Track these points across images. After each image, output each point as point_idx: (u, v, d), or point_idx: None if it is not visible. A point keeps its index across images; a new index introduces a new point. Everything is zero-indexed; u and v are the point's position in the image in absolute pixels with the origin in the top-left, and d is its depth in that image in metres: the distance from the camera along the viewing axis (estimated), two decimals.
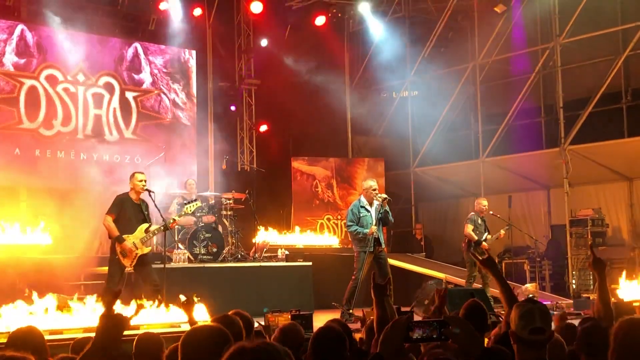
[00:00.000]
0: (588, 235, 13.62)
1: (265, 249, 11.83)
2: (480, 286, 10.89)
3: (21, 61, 12.42)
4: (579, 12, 13.44)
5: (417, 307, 9.42)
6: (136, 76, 13.76)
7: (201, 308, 7.09)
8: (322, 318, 5.53)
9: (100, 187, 11.91)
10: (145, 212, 8.75)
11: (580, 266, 13.57)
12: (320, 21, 15.79)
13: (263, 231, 12.28)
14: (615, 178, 14.69)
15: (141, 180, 8.67)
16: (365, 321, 4.99)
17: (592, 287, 12.76)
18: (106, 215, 8.57)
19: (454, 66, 16.27)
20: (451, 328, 2.49)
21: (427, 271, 13.37)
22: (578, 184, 14.25)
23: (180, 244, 10.96)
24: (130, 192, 8.68)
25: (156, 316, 7.39)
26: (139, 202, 8.72)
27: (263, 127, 15.85)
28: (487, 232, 11.41)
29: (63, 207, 11.14)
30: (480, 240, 11.19)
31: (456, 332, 2.50)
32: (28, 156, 12.28)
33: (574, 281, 13.54)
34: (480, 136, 15.28)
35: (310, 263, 11.54)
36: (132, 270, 8.59)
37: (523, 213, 15.61)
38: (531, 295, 10.69)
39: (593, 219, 13.80)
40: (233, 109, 15.59)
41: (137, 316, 3.23)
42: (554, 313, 5.94)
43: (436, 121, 15.90)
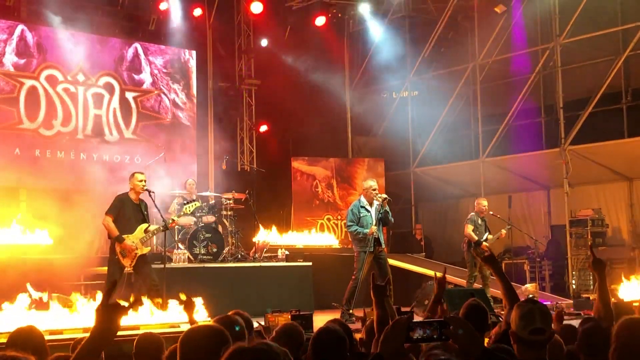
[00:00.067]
0: (588, 235, 13.62)
1: (265, 249, 11.83)
2: (480, 286, 10.88)
3: (21, 61, 12.41)
4: (579, 12, 13.43)
5: (417, 307, 9.42)
6: (136, 76, 13.75)
7: (201, 308, 7.09)
8: (322, 318, 5.53)
9: (100, 187, 11.91)
10: (144, 212, 8.76)
11: (580, 266, 13.57)
12: (320, 21, 15.78)
13: (263, 231, 12.28)
14: (615, 178, 14.68)
15: (141, 180, 8.67)
16: (366, 321, 4.98)
17: (592, 287, 12.76)
18: (106, 215, 8.57)
19: (454, 66, 16.26)
20: (452, 328, 2.49)
21: (427, 271, 13.34)
22: (578, 184, 14.24)
23: (180, 244, 10.96)
24: (130, 192, 8.68)
25: (156, 316, 7.38)
26: (139, 203, 8.73)
27: (263, 127, 15.85)
28: (488, 232, 11.40)
29: (63, 207, 11.11)
30: (480, 240, 11.18)
31: (460, 333, 2.50)
32: (28, 156, 12.28)
33: (574, 281, 13.54)
34: (480, 136, 15.27)
35: (310, 263, 11.54)
36: (132, 270, 8.59)
37: (523, 213, 15.60)
38: (531, 295, 10.67)
39: (593, 219, 13.79)
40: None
41: (134, 308, 3.21)
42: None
43: (436, 121, 15.90)
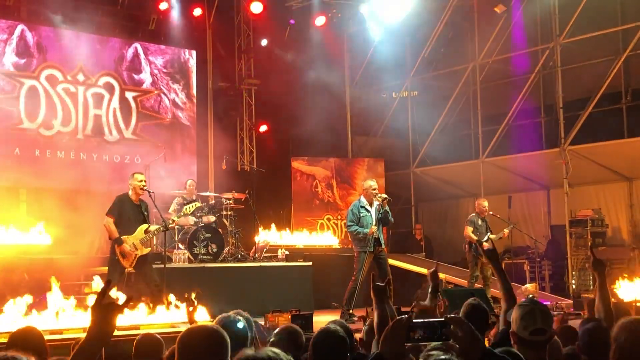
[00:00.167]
0: (588, 235, 13.61)
1: (265, 249, 11.82)
2: (480, 287, 10.88)
3: (21, 61, 12.41)
4: (579, 12, 13.43)
5: (418, 307, 9.39)
6: (136, 76, 13.75)
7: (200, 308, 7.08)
8: (322, 318, 5.53)
9: (100, 187, 11.91)
10: (145, 213, 8.74)
11: (580, 266, 13.57)
12: (320, 21, 15.78)
13: (263, 231, 12.27)
14: (615, 178, 14.68)
15: (141, 180, 8.66)
16: (368, 320, 4.98)
17: (592, 288, 12.76)
18: (106, 216, 8.56)
19: (454, 66, 16.26)
20: (452, 328, 2.48)
21: (427, 271, 13.33)
22: (578, 184, 14.23)
23: (180, 244, 10.96)
24: (129, 193, 8.67)
25: (156, 316, 7.38)
26: (139, 203, 8.72)
27: (263, 127, 15.84)
28: (490, 232, 11.38)
29: (63, 207, 11.12)
30: (480, 240, 11.17)
31: (460, 334, 2.49)
32: (28, 156, 12.27)
33: (574, 281, 13.53)
34: (480, 136, 15.27)
35: (310, 263, 11.54)
36: (132, 270, 8.58)
37: (523, 213, 15.60)
38: (531, 295, 10.67)
39: (593, 220, 13.79)
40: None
41: (130, 307, 3.19)
42: (555, 314, 5.94)
43: (436, 121, 15.89)
